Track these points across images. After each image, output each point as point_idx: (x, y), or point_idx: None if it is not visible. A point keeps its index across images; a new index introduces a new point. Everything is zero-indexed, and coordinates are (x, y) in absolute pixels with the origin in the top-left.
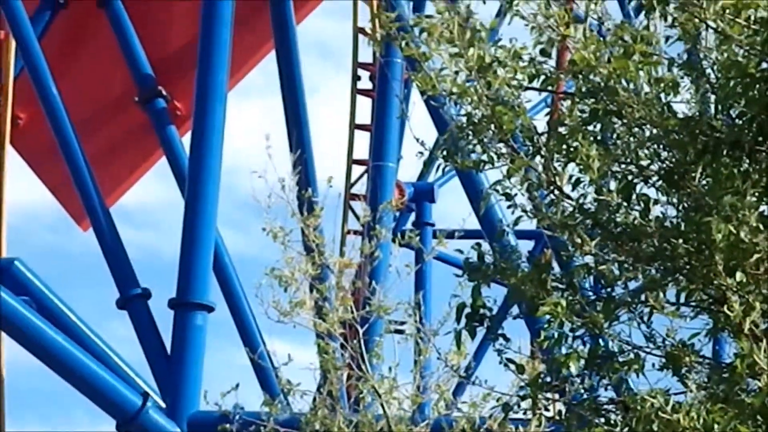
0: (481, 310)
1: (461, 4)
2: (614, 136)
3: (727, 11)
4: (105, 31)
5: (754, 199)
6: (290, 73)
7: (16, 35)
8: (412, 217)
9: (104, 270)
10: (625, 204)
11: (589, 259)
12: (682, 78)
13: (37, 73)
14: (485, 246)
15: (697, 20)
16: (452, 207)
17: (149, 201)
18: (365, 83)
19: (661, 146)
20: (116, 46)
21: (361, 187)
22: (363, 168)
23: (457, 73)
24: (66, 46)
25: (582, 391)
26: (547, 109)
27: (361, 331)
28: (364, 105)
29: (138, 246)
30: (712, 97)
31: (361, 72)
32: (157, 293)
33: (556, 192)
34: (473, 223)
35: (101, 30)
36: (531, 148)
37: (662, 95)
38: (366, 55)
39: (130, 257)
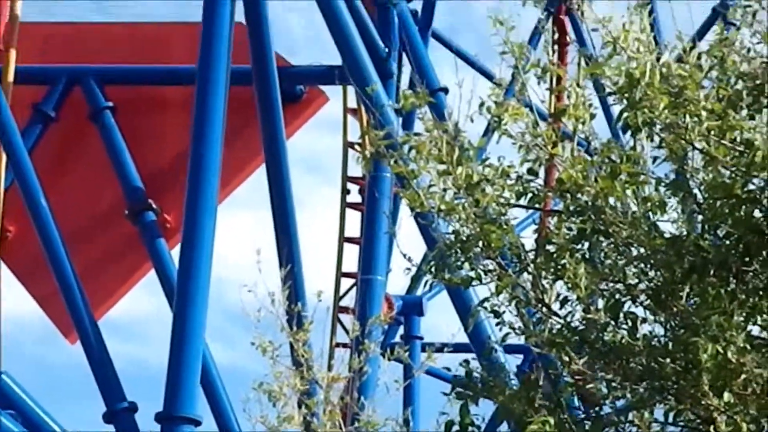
0: (470, 428)
1: (449, 122)
2: (602, 254)
3: (712, 133)
4: (95, 144)
5: (741, 319)
6: (280, 186)
7: (6, 148)
8: (401, 330)
9: (91, 383)
10: (612, 322)
11: (577, 378)
12: (669, 198)
13: (27, 186)
14: (474, 363)
15: (683, 141)
16: (441, 320)
17: (137, 313)
18: (354, 196)
19: (649, 265)
20: (106, 159)
21: (350, 300)
22: (352, 281)
23: (445, 190)
24: (56, 158)
25: None
26: (535, 226)
27: None
28: (354, 218)
29: (125, 358)
30: (699, 217)
31: (350, 186)
32: (144, 406)
33: (544, 310)
34: (462, 337)
35: (91, 143)
36: (519, 265)
37: (649, 214)
38: (355, 168)
39: (117, 370)
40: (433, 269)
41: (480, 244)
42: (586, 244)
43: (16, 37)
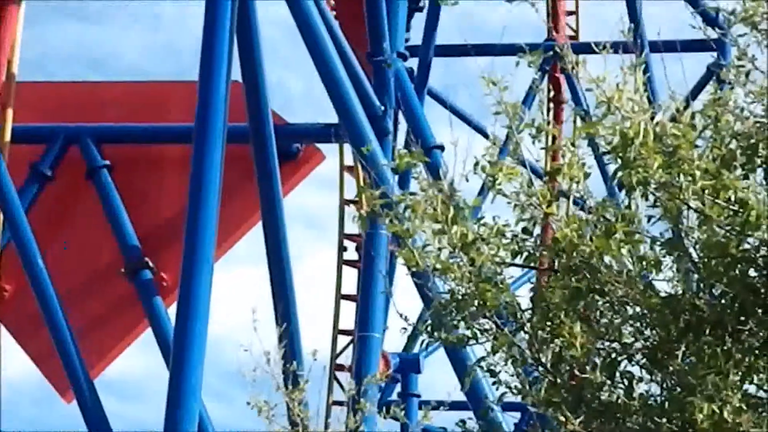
0: None
1: (444, 181)
2: (597, 313)
3: (707, 192)
4: (92, 202)
5: (738, 378)
6: (277, 243)
7: (3, 208)
8: (398, 387)
9: None
10: (609, 381)
11: None
12: (664, 256)
13: (24, 245)
14: (470, 423)
15: (677, 200)
16: (439, 377)
17: (133, 372)
18: (351, 254)
19: (644, 324)
20: (103, 217)
21: (346, 358)
22: (349, 338)
23: (440, 249)
24: (53, 217)
25: None
26: (531, 284)
27: None
28: (350, 275)
29: (122, 417)
30: (695, 276)
31: (347, 243)
32: None
33: (541, 369)
34: (459, 395)
35: (88, 201)
36: (515, 324)
37: (645, 273)
38: (352, 225)
39: (113, 428)
40: (429, 329)
41: (476, 302)
42: (582, 303)
43: (13, 96)
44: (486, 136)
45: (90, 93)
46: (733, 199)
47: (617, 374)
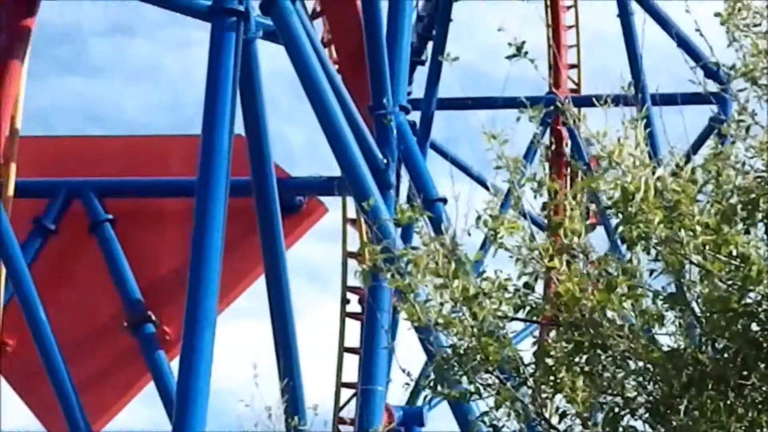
0: None
1: (446, 235)
2: (600, 367)
3: (708, 247)
4: (95, 256)
5: None
6: (279, 296)
7: (6, 262)
8: None
9: None
10: None
11: None
12: (666, 311)
13: (27, 300)
14: None
15: (679, 255)
16: (443, 430)
17: (136, 426)
18: (354, 306)
19: (647, 379)
20: (106, 271)
21: (349, 411)
22: (352, 391)
23: (442, 304)
24: (56, 271)
25: None
26: (533, 338)
27: None
28: (354, 327)
29: None
30: (697, 330)
31: (350, 295)
32: None
33: (544, 424)
34: None
35: (91, 255)
36: (517, 378)
37: (647, 327)
38: (355, 278)
39: None
40: (431, 383)
41: (478, 357)
42: (584, 358)
43: (16, 151)
44: (488, 188)
45: (92, 147)
46: (734, 253)
47: (620, 429)
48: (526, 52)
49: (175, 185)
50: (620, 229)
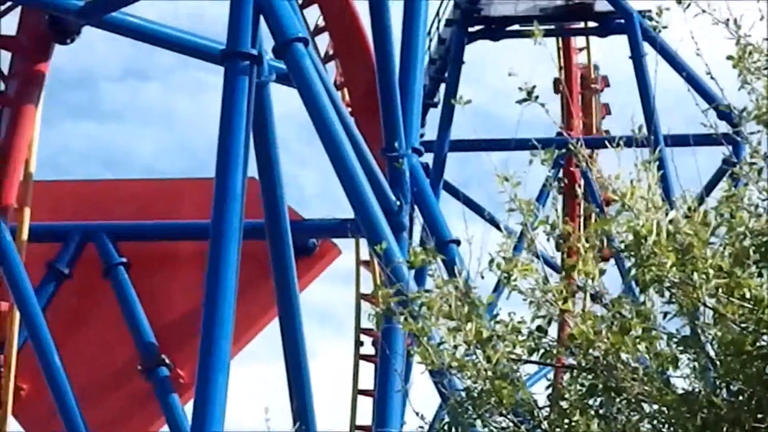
0: None
1: (459, 278)
2: (614, 410)
3: (721, 290)
4: (108, 300)
5: None
6: (293, 339)
7: (20, 306)
8: None
9: None
10: None
11: None
12: (681, 353)
13: (41, 344)
14: None
15: (692, 298)
16: None
17: None
18: (368, 348)
19: (661, 422)
20: (120, 314)
21: None
22: None
23: (456, 346)
24: (70, 315)
25: None
26: (547, 381)
27: None
28: (367, 370)
29: None
30: (712, 373)
31: (363, 337)
32: None
33: None
34: None
35: (105, 299)
36: (532, 421)
37: (662, 370)
38: (368, 320)
39: None
40: (445, 427)
41: (492, 400)
42: (599, 400)
43: (30, 195)
44: (501, 229)
45: (105, 191)
46: (747, 296)
47: None
48: (537, 96)
49: (188, 228)
50: (633, 272)
